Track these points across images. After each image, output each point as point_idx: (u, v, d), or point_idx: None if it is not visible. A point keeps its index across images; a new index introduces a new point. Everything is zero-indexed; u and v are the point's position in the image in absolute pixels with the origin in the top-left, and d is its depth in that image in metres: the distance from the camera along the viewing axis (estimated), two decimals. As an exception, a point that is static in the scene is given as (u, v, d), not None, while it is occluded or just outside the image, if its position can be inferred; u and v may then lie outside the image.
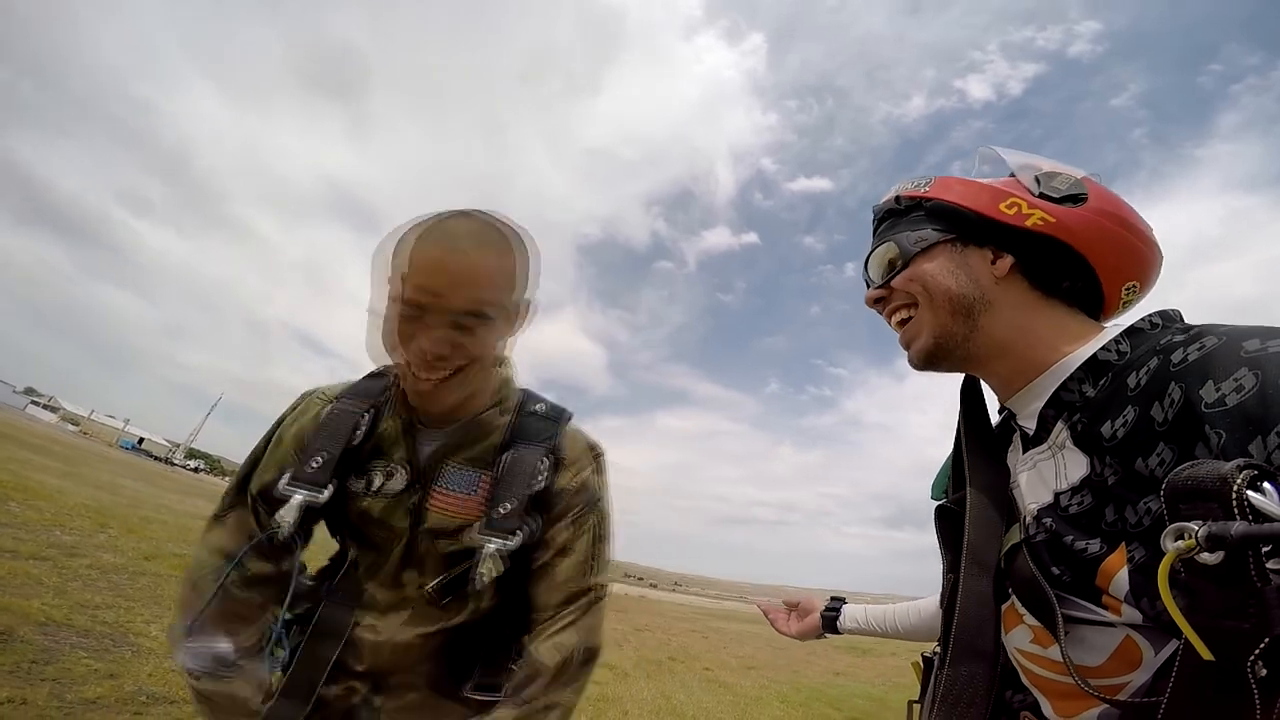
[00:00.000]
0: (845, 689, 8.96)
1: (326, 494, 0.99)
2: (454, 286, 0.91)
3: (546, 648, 0.99)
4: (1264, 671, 0.42)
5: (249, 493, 1.07)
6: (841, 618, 1.47)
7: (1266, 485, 0.43)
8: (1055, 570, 0.63)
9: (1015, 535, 0.71)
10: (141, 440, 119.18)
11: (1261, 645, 0.42)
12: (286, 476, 1.01)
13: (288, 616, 1.04)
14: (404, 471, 1.05)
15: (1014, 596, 0.69)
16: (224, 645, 0.98)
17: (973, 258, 0.79)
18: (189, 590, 1.02)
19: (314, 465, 1.00)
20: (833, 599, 1.54)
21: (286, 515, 0.97)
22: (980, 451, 0.83)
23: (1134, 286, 0.76)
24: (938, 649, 0.86)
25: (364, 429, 1.04)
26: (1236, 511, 0.42)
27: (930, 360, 0.83)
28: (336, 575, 1.10)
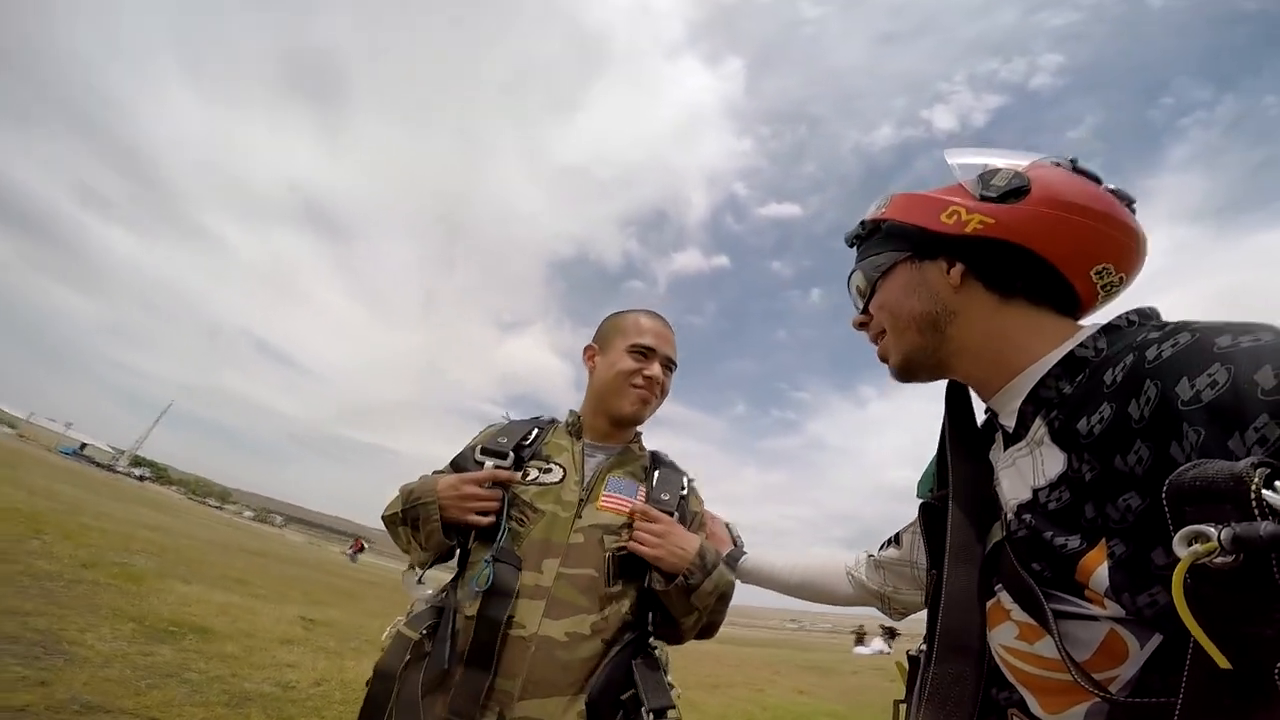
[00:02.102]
0: (809, 707, 8.93)
1: (509, 461, 1.31)
2: (666, 342, 1.45)
3: None
4: None
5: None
6: (738, 569, 1.48)
7: (1279, 484, 0.41)
8: (1036, 566, 0.63)
9: (998, 533, 0.71)
10: (84, 446, 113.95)
11: None
12: (478, 450, 1.33)
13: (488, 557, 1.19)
14: (560, 470, 1.32)
15: (1001, 592, 0.68)
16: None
17: (930, 272, 0.80)
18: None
19: (499, 443, 1.34)
20: (736, 546, 1.53)
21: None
22: (963, 450, 0.83)
23: (1106, 269, 0.73)
24: (923, 647, 0.84)
25: (534, 436, 1.40)
26: (1256, 511, 0.40)
27: (905, 375, 0.87)
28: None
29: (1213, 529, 0.40)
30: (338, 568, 23.61)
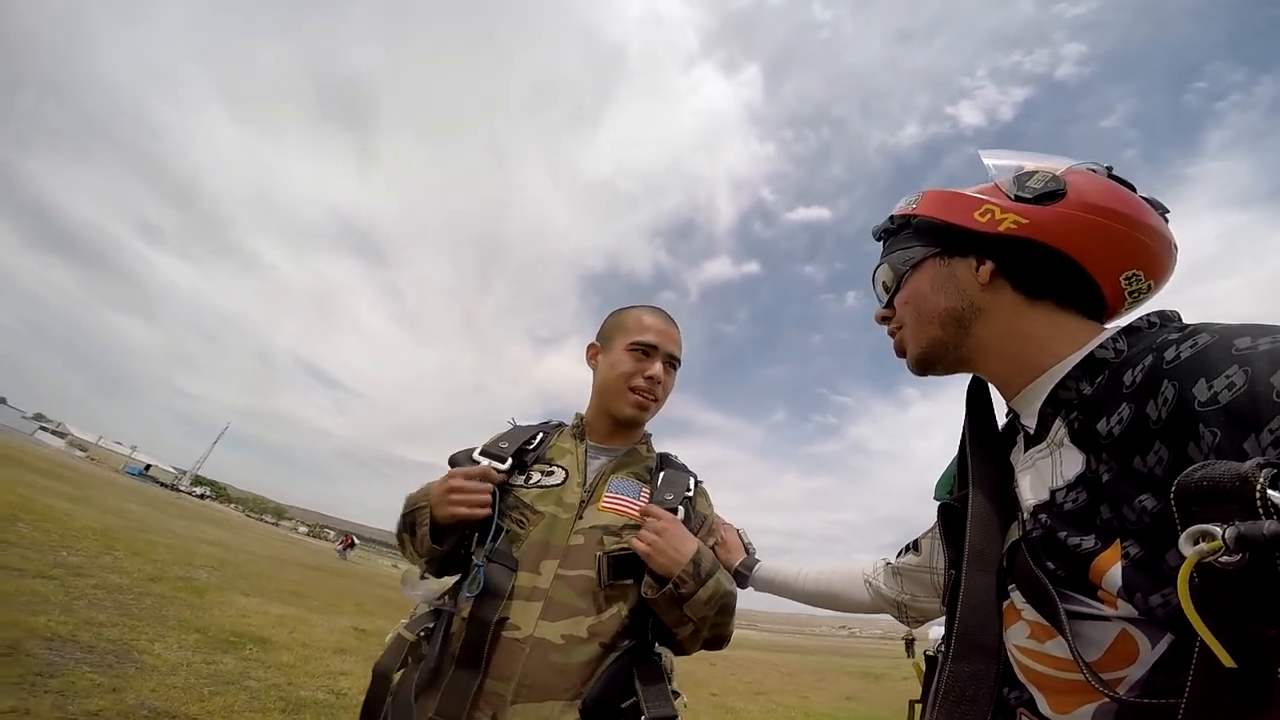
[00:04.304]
0: (856, 714, 8.74)
1: (507, 464, 1.27)
2: (669, 340, 1.39)
3: None
4: None
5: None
6: (752, 578, 1.45)
7: None
8: (1050, 565, 0.63)
9: (1015, 533, 0.71)
10: (148, 467, 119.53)
11: None
12: (477, 451, 1.32)
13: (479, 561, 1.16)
14: (562, 472, 1.30)
15: (1015, 592, 0.69)
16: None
17: (959, 268, 0.80)
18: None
19: (500, 447, 1.32)
20: (748, 554, 1.50)
21: None
22: (983, 451, 0.83)
23: (1135, 276, 0.73)
24: (941, 648, 0.84)
25: (538, 440, 1.38)
26: (1261, 511, 0.39)
27: (922, 368, 0.88)
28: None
29: (1218, 528, 0.40)
30: (389, 579, 24.20)
